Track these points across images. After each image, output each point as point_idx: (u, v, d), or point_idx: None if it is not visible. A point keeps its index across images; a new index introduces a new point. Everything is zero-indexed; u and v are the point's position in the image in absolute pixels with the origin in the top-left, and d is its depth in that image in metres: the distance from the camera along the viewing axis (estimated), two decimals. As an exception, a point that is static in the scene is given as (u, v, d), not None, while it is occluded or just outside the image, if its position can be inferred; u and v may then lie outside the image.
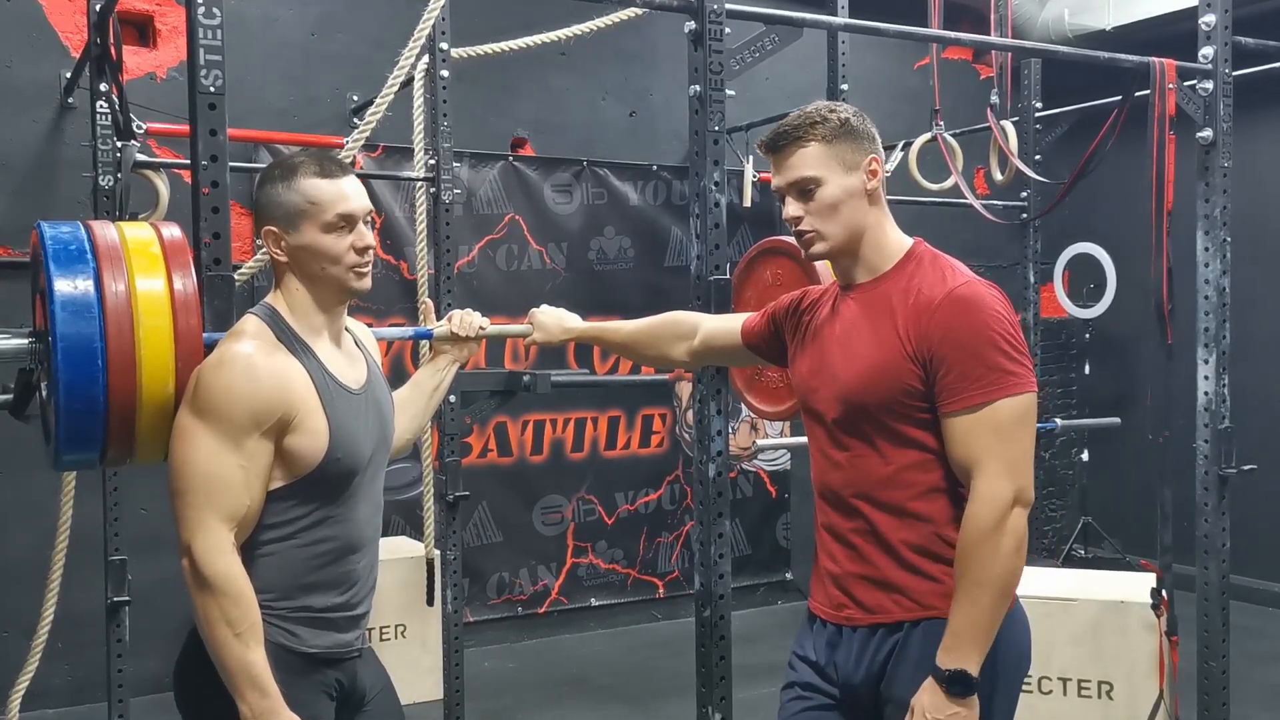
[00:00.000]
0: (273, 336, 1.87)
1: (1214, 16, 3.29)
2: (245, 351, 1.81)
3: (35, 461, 2.30)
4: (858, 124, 1.96)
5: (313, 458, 1.84)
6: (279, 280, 1.95)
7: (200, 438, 1.76)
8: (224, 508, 1.77)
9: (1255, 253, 5.45)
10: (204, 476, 1.76)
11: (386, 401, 2.07)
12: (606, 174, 5.63)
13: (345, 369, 1.95)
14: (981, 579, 1.80)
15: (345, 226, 1.90)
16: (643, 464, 5.74)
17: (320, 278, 1.91)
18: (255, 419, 1.78)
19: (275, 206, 1.90)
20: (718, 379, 2.65)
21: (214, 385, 1.77)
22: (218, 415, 1.76)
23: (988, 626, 1.81)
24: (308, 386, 1.85)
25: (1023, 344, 1.86)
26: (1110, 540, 6.31)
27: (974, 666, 1.80)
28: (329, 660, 1.92)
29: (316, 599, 1.89)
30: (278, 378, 1.81)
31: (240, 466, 1.77)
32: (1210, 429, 3.28)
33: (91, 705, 4.34)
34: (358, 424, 1.92)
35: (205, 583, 1.75)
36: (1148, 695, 3.54)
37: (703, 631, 2.65)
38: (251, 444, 1.78)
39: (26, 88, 4.43)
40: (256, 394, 1.78)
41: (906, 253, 1.97)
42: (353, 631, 1.96)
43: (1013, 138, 4.69)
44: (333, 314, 1.96)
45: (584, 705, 4.52)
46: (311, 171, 1.90)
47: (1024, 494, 1.82)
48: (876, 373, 1.88)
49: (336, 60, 4.98)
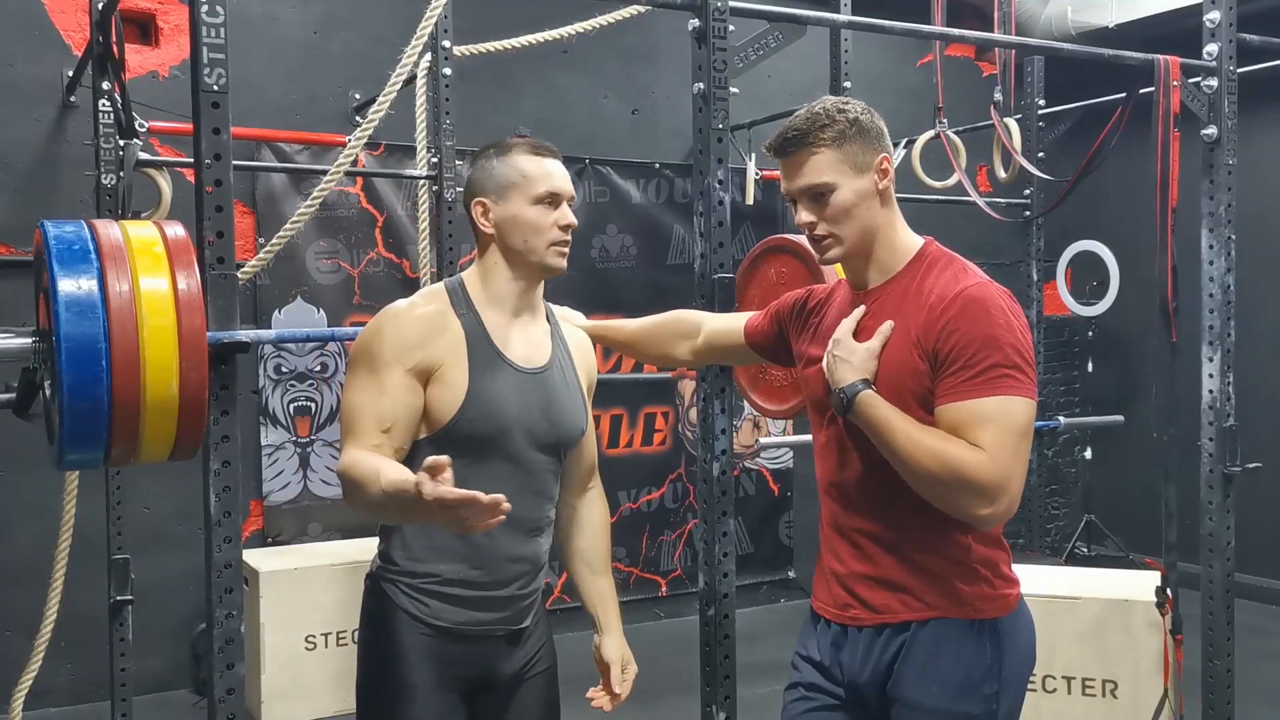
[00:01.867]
0: (446, 298, 2.00)
1: (1218, 13, 3.28)
2: (400, 305, 1.97)
3: (38, 460, 2.30)
4: (867, 122, 1.94)
5: (447, 410, 1.92)
6: (481, 252, 2.05)
7: (351, 381, 1.93)
8: (364, 432, 1.88)
9: (1260, 250, 5.44)
10: (350, 411, 1.90)
11: (567, 397, 2.08)
12: (609, 172, 5.62)
13: (520, 346, 2.02)
14: (920, 452, 1.76)
15: (550, 203, 2.02)
16: (645, 462, 5.74)
17: (520, 250, 2.01)
18: (396, 355, 1.90)
19: (487, 179, 2.03)
20: (722, 377, 2.64)
21: (368, 333, 1.95)
22: (363, 356, 1.92)
23: (881, 439, 1.82)
24: (459, 344, 1.95)
25: (1029, 351, 1.83)
26: (1114, 538, 6.30)
27: (858, 410, 1.84)
28: (462, 636, 1.97)
29: (445, 567, 1.95)
30: (424, 325, 1.94)
31: (381, 394, 1.89)
32: (1215, 427, 3.27)
33: (94, 704, 4.34)
34: (506, 396, 1.96)
35: (341, 479, 1.85)
36: (1152, 694, 3.54)
37: (706, 630, 2.65)
38: (395, 378, 1.90)
39: (29, 86, 4.43)
40: (399, 335, 1.92)
41: (918, 252, 1.96)
42: (493, 612, 1.99)
43: (1016, 135, 4.68)
44: (524, 291, 2.04)
45: (585, 704, 4.51)
46: (525, 149, 2.03)
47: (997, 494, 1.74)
48: (888, 372, 1.87)
49: (339, 58, 4.97)
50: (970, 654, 1.87)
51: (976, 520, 1.79)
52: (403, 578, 1.98)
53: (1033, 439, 1.84)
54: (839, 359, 1.90)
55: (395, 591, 1.98)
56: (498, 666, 2.02)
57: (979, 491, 1.74)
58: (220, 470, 2.07)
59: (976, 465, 1.73)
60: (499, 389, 1.96)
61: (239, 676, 2.09)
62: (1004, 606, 1.91)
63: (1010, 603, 1.92)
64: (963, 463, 1.74)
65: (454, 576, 1.96)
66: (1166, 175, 3.18)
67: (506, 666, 2.04)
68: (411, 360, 1.91)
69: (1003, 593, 1.91)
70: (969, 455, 1.74)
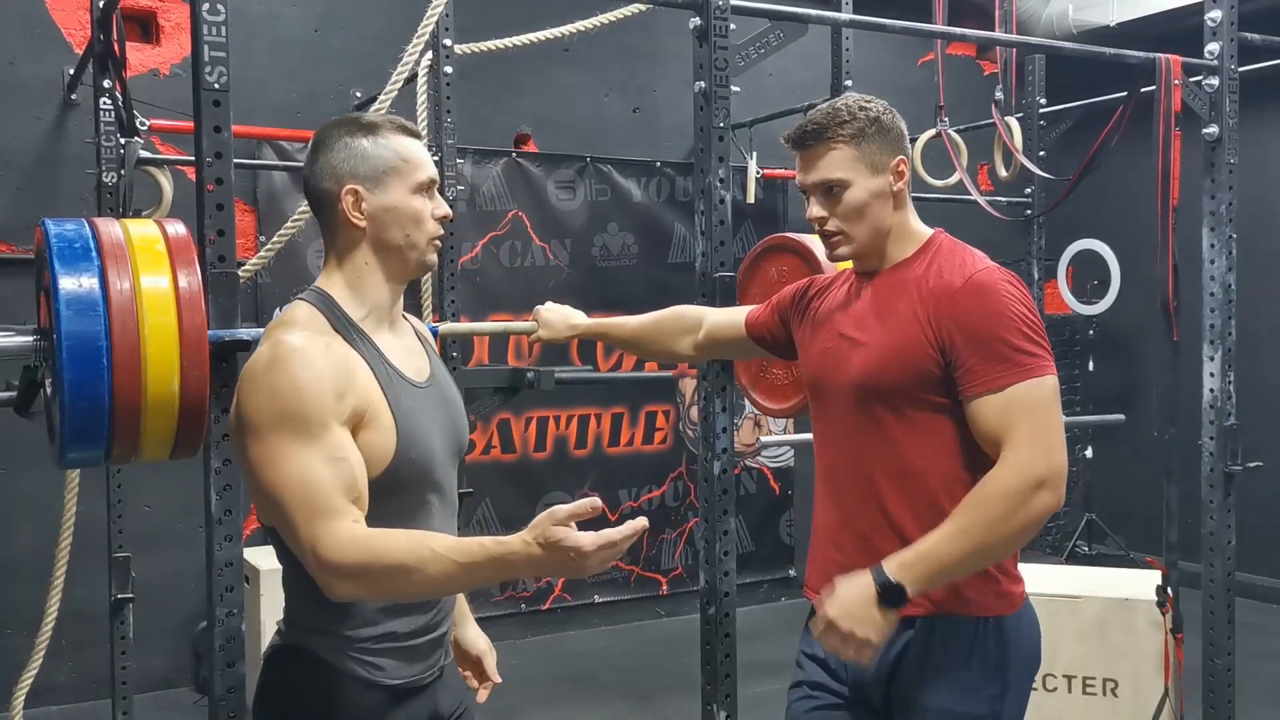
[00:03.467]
0: (326, 324, 1.66)
1: (1219, 12, 3.28)
2: (297, 342, 1.59)
3: (39, 458, 2.30)
4: (888, 122, 1.93)
5: (383, 456, 1.63)
6: (341, 255, 1.72)
7: (275, 451, 1.55)
8: (332, 509, 1.53)
9: (1261, 249, 5.43)
10: (298, 488, 1.53)
11: (455, 399, 1.86)
12: (610, 170, 5.62)
13: (406, 360, 1.75)
14: (973, 531, 1.74)
15: (428, 192, 1.74)
16: (646, 460, 5.74)
17: (398, 246, 1.71)
18: (328, 409, 1.57)
19: (359, 161, 1.69)
20: (723, 376, 2.65)
21: (272, 389, 1.56)
22: (286, 418, 1.55)
23: (950, 572, 1.76)
24: (369, 378, 1.65)
25: (1041, 328, 1.84)
26: (1115, 537, 6.30)
27: (914, 591, 1.73)
28: (413, 690, 1.74)
29: (401, 624, 1.70)
30: (341, 366, 1.61)
31: (332, 459, 1.56)
32: (1215, 426, 3.27)
33: (95, 702, 4.34)
34: (425, 419, 1.71)
35: (356, 574, 1.52)
36: (1153, 692, 3.54)
37: (707, 628, 2.65)
38: (335, 435, 1.57)
39: (30, 84, 4.43)
40: (321, 384, 1.56)
41: (926, 240, 1.96)
42: (434, 655, 1.77)
43: (1017, 134, 4.68)
44: (395, 295, 1.76)
45: (588, 702, 4.52)
46: (397, 129, 1.73)
47: (1055, 479, 1.75)
48: (894, 356, 1.86)
49: (340, 56, 4.97)
50: (975, 653, 1.86)
51: (1056, 507, 1.77)
52: (350, 645, 1.67)
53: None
54: (854, 623, 1.73)
55: (340, 660, 1.66)
56: (437, 708, 1.80)
57: (1038, 491, 1.74)
58: (221, 468, 2.07)
59: (1022, 476, 1.73)
60: (419, 415, 1.70)
61: (240, 675, 2.10)
62: (1009, 604, 1.90)
63: (1015, 600, 1.91)
64: (1008, 488, 1.74)
65: (409, 629, 1.71)
66: (1167, 174, 3.18)
67: (443, 707, 1.81)
68: (344, 410, 1.59)
69: (1007, 589, 1.90)
70: (1007, 476, 1.74)
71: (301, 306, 1.68)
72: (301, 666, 1.68)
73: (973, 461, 1.84)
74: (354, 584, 1.53)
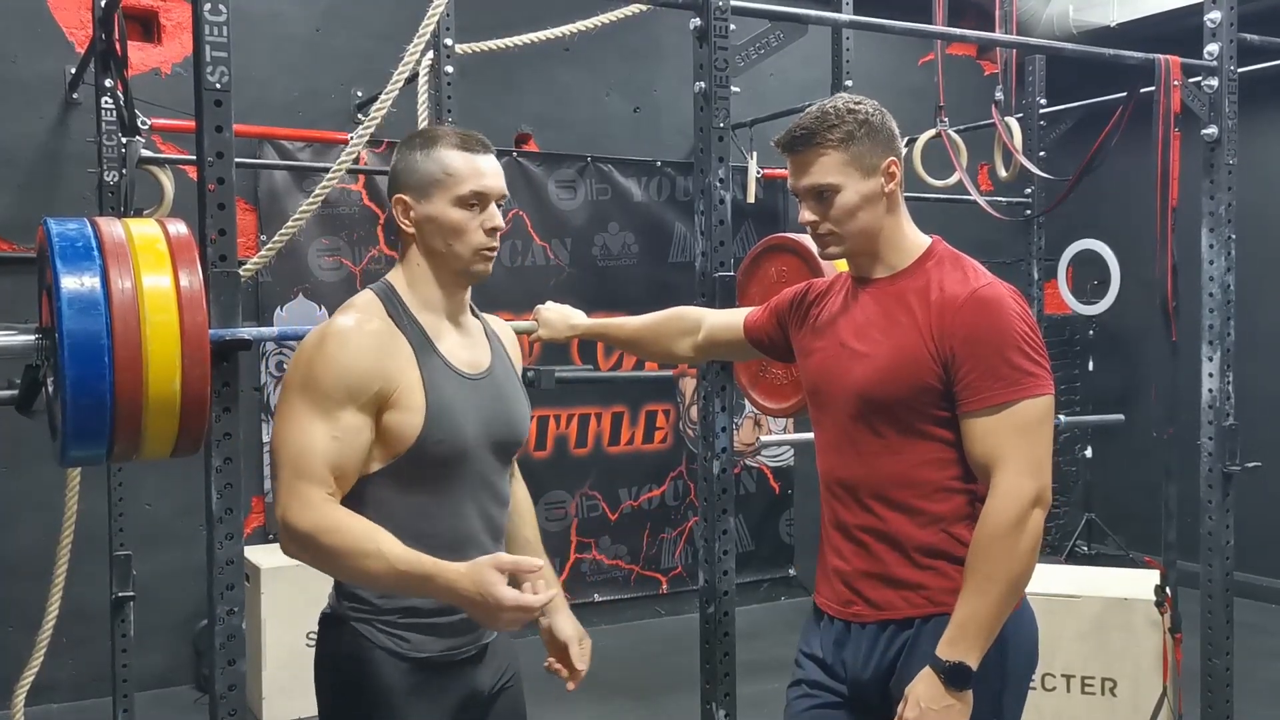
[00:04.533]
0: (383, 310, 1.83)
1: (1219, 13, 3.28)
2: (344, 324, 1.77)
3: (40, 456, 2.30)
4: (878, 123, 1.93)
5: (409, 436, 1.76)
6: (402, 254, 1.89)
7: (293, 412, 1.73)
8: (316, 476, 1.71)
9: (1260, 250, 5.44)
10: (294, 446, 1.72)
11: (515, 396, 1.96)
12: (610, 170, 5.63)
13: (461, 351, 1.88)
14: (995, 575, 1.79)
15: (477, 204, 1.84)
16: (646, 460, 5.74)
17: (443, 254, 1.85)
18: (349, 391, 1.73)
19: (409, 173, 1.85)
20: (722, 375, 2.65)
21: (310, 359, 1.75)
22: (311, 388, 1.73)
23: (993, 623, 1.80)
24: (410, 361, 1.79)
25: (1042, 346, 1.87)
26: (1114, 537, 6.31)
27: (974, 661, 1.79)
28: (442, 665, 1.84)
29: (423, 600, 1.78)
30: (375, 350, 1.76)
31: (334, 438, 1.72)
32: (1214, 426, 3.27)
33: (96, 700, 4.35)
34: (465, 408, 1.82)
35: (302, 535, 1.69)
36: (1152, 692, 3.55)
37: (707, 627, 2.65)
38: (346, 417, 1.73)
39: (31, 83, 4.44)
40: (351, 366, 1.73)
41: (926, 250, 1.97)
42: (466, 634, 1.87)
43: (1017, 134, 4.68)
44: (452, 294, 1.89)
45: (588, 701, 4.52)
46: (452, 143, 1.84)
47: (1044, 494, 1.82)
48: (897, 369, 1.87)
49: (341, 56, 4.98)
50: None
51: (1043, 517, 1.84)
52: (379, 616, 1.81)
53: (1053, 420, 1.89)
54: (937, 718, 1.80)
55: (372, 631, 1.81)
56: (474, 688, 1.90)
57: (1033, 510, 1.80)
58: (222, 467, 2.07)
59: (1017, 503, 1.79)
60: (457, 402, 1.82)
61: (240, 673, 2.10)
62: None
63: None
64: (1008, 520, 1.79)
65: (432, 606, 1.80)
66: (1167, 175, 3.18)
67: (481, 686, 1.91)
68: (366, 394, 1.74)
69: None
70: (1004, 507, 1.79)
71: (366, 293, 1.88)
72: (342, 634, 1.83)
73: (970, 474, 1.87)
74: (298, 547, 1.71)
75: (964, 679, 1.79)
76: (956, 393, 1.84)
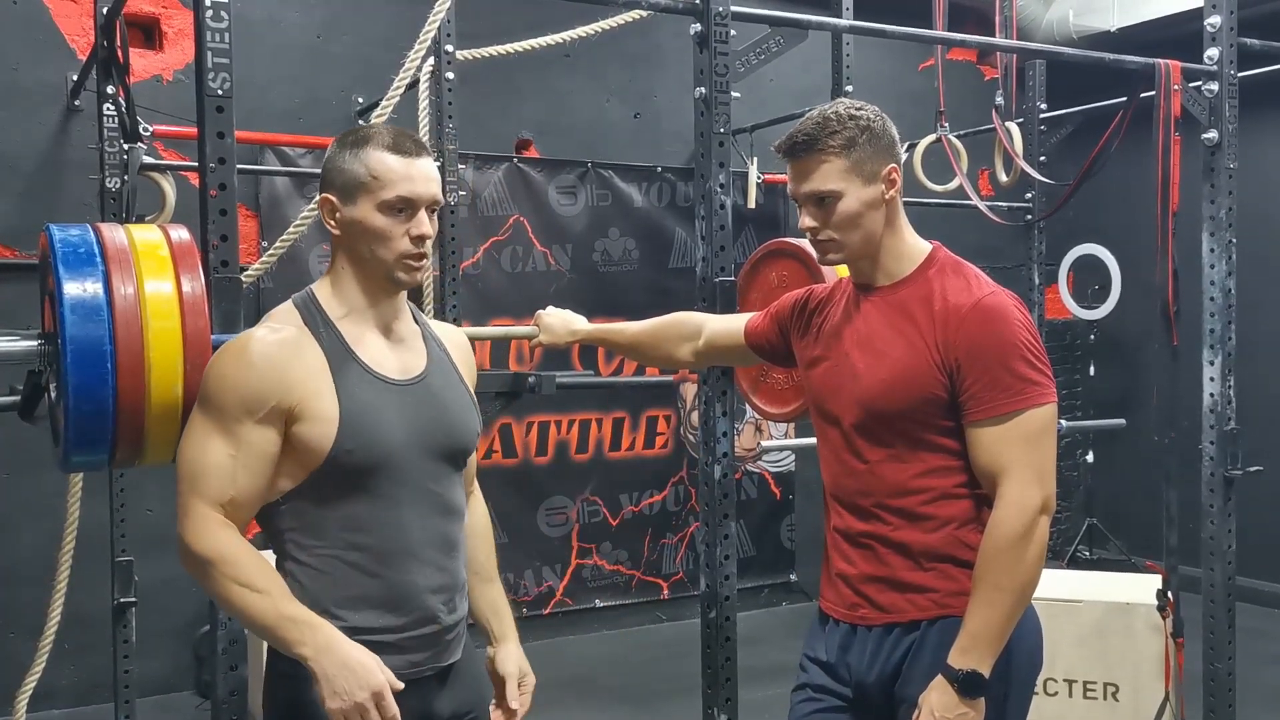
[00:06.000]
0: (299, 318, 1.77)
1: (1219, 18, 3.29)
2: (245, 338, 1.74)
3: (42, 462, 2.31)
4: (879, 129, 1.93)
5: (322, 446, 1.70)
6: (331, 256, 1.83)
7: (193, 427, 1.72)
8: (210, 494, 1.68)
9: (1261, 254, 5.44)
10: (192, 464, 1.70)
11: (456, 402, 1.86)
12: (611, 176, 5.63)
13: (387, 357, 1.79)
14: (1003, 583, 1.81)
15: (404, 210, 1.75)
16: (647, 465, 5.74)
17: (366, 260, 1.77)
18: (245, 406, 1.68)
19: (337, 173, 1.77)
20: (723, 380, 2.65)
21: (210, 373, 1.73)
22: (209, 402, 1.71)
23: (1003, 630, 1.82)
24: (321, 370, 1.72)
25: (1044, 355, 1.88)
26: (1115, 542, 6.30)
27: (986, 668, 1.80)
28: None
29: (363, 618, 1.72)
30: (274, 362, 1.70)
31: (229, 455, 1.68)
32: (1216, 430, 3.28)
33: (98, 706, 4.35)
34: (385, 415, 1.74)
35: (200, 560, 1.67)
36: (1153, 697, 3.54)
37: (708, 633, 2.66)
38: (244, 432, 1.68)
39: (33, 90, 4.44)
40: (248, 380, 1.69)
41: (927, 257, 1.97)
42: (419, 652, 1.78)
43: (1017, 139, 4.69)
44: (377, 300, 1.80)
45: (589, 707, 4.52)
46: (383, 144, 1.75)
47: (1050, 502, 1.84)
48: (902, 379, 1.88)
49: (342, 62, 4.98)
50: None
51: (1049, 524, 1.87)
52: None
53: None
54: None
55: None
56: (428, 712, 1.79)
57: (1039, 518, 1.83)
58: (224, 472, 2.07)
59: (1023, 513, 1.81)
60: (376, 411, 1.73)
61: (242, 678, 2.10)
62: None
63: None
64: (1015, 530, 1.81)
65: (368, 625, 1.72)
66: (1167, 179, 3.18)
67: (439, 712, 1.81)
68: (263, 408, 1.68)
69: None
70: (1010, 517, 1.82)
71: (286, 303, 1.82)
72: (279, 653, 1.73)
73: (974, 479, 1.88)
74: (192, 568, 1.70)
75: (977, 687, 1.80)
76: (961, 402, 1.85)
